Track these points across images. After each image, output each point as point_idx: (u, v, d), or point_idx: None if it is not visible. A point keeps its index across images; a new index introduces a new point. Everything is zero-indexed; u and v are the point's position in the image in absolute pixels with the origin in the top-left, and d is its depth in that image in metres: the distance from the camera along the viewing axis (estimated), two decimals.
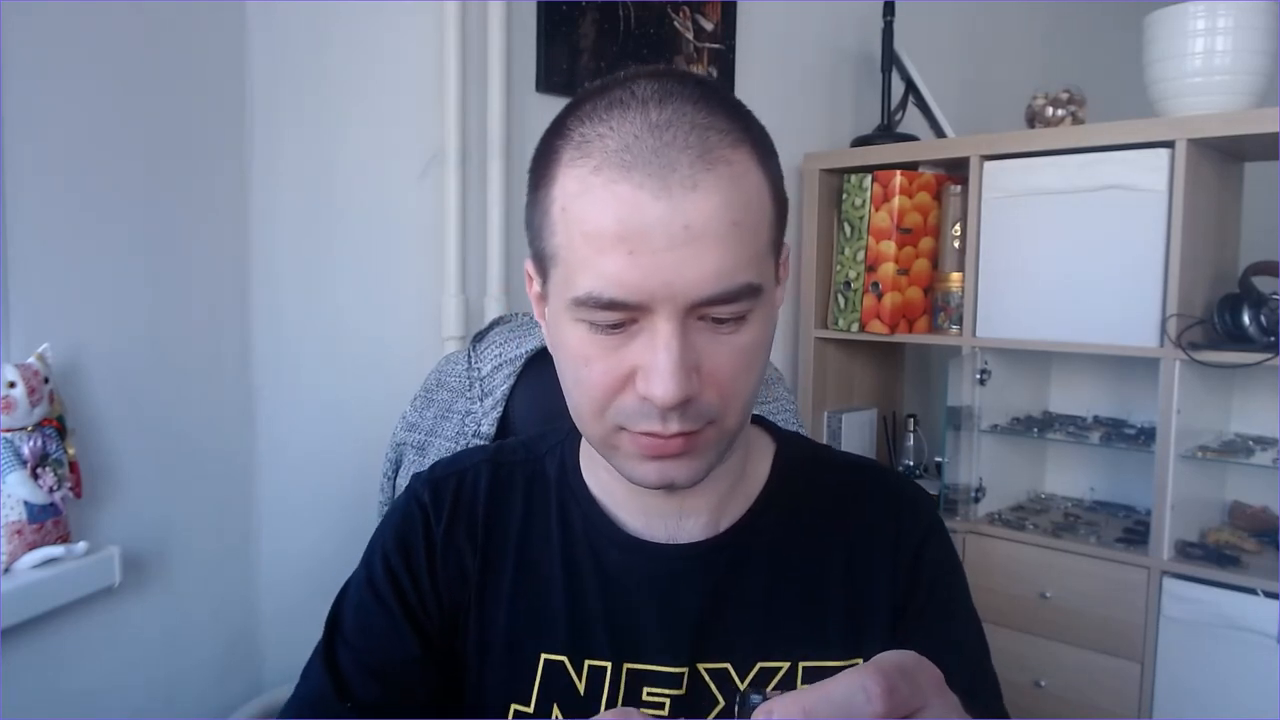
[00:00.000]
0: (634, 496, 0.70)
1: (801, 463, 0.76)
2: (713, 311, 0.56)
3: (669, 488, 0.62)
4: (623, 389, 0.58)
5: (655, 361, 0.55)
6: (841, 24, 2.28)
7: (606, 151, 0.55)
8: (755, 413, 0.76)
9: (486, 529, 0.72)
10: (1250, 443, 1.82)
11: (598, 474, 0.72)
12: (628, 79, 0.59)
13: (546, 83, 1.67)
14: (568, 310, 0.58)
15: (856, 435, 2.23)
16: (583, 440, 0.74)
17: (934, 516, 0.76)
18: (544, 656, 0.68)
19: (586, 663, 0.67)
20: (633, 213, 0.54)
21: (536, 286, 0.65)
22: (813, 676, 0.66)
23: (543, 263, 0.61)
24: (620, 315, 0.56)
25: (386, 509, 1.14)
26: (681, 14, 1.88)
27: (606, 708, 0.66)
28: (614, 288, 0.54)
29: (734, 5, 1.97)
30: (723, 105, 0.58)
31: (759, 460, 0.75)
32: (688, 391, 0.56)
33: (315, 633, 0.75)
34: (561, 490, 0.73)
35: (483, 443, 1.05)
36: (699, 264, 0.54)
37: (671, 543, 0.70)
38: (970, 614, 0.77)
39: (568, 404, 0.64)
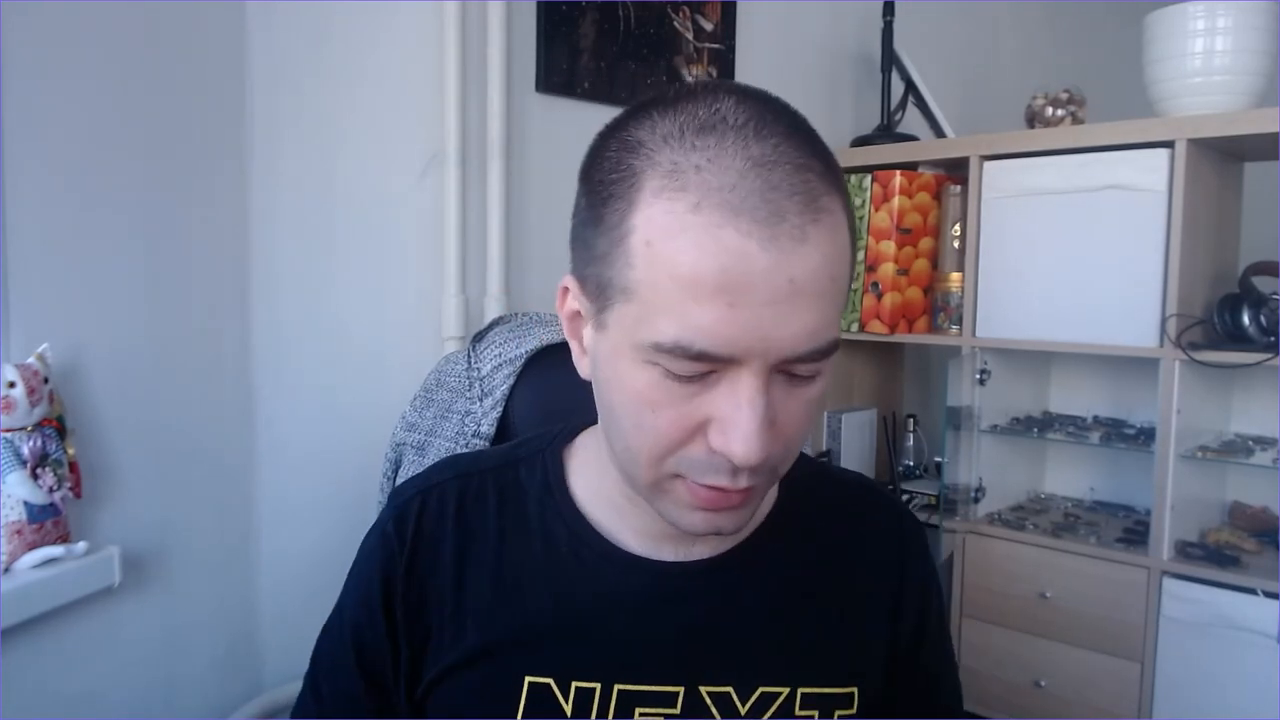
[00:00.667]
0: (644, 520, 0.66)
1: (805, 480, 0.73)
2: (798, 368, 0.54)
3: (714, 535, 0.61)
4: (691, 439, 0.55)
5: (738, 418, 0.52)
6: (841, 24, 2.28)
7: (707, 188, 0.50)
8: None
9: (458, 547, 0.69)
10: (1250, 443, 1.82)
11: (597, 487, 0.69)
12: (706, 95, 0.55)
13: (546, 83, 1.67)
14: (639, 351, 0.54)
15: (856, 435, 2.23)
16: (573, 450, 0.72)
17: (928, 549, 0.78)
18: (528, 679, 0.65)
19: (574, 684, 0.64)
20: (738, 263, 0.50)
21: (581, 307, 0.60)
22: (810, 703, 0.66)
23: (605, 291, 0.55)
24: (704, 368, 0.53)
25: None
26: (681, 14, 1.88)
27: None
28: (706, 339, 0.51)
29: (734, 5, 1.97)
30: (810, 139, 0.55)
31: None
32: (769, 450, 0.54)
33: (315, 632, 0.75)
34: (543, 505, 0.70)
35: (482, 443, 1.05)
36: (797, 321, 0.51)
37: (675, 561, 0.68)
38: (949, 638, 0.80)
39: (614, 442, 0.60)
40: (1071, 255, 1.79)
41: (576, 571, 0.67)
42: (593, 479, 0.69)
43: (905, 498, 2.03)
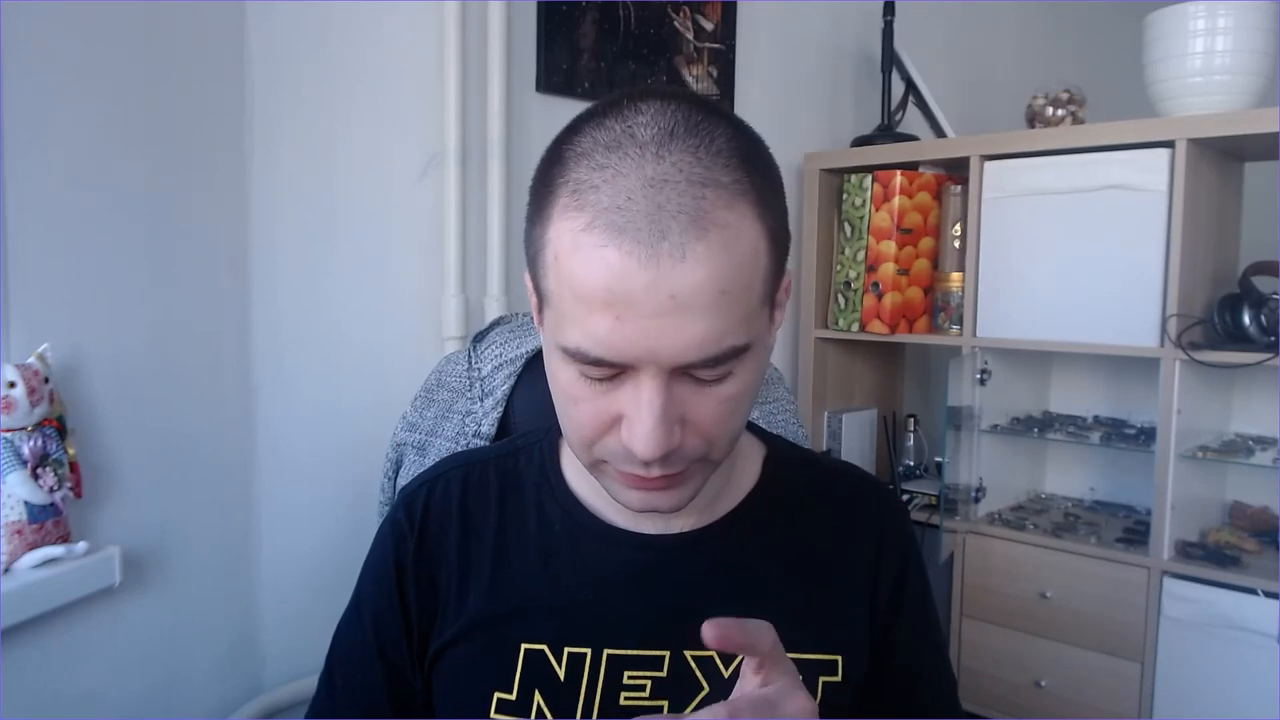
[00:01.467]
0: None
1: (791, 464, 0.78)
2: (696, 372, 0.57)
3: (652, 513, 0.65)
4: (608, 431, 0.60)
5: (638, 418, 0.57)
6: (842, 24, 2.28)
7: (599, 209, 0.54)
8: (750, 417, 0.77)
9: (463, 528, 0.74)
10: (1250, 443, 1.82)
11: (584, 473, 0.72)
12: (627, 107, 0.57)
13: (546, 83, 1.67)
14: (558, 351, 0.59)
15: (856, 435, 2.23)
16: (564, 448, 0.77)
17: (908, 525, 0.80)
18: (524, 646, 0.69)
19: (566, 650, 0.69)
20: (620, 280, 0.54)
21: (535, 300, 0.65)
22: None
23: (538, 293, 0.62)
24: (606, 370, 0.57)
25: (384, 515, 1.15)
26: (681, 14, 1.88)
27: (586, 692, 0.68)
28: (599, 347, 0.56)
29: (734, 5, 1.97)
30: (727, 148, 0.56)
31: (748, 461, 0.76)
32: (668, 446, 0.58)
33: (315, 632, 0.76)
34: (540, 490, 0.75)
35: (483, 443, 1.05)
36: (684, 333, 0.55)
37: (657, 534, 0.72)
38: (935, 627, 0.80)
39: (561, 428, 0.66)
40: (1072, 255, 1.79)
41: (569, 548, 0.72)
42: (575, 470, 0.74)
43: (906, 497, 2.03)
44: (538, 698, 0.68)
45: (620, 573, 0.71)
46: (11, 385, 1.02)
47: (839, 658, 0.71)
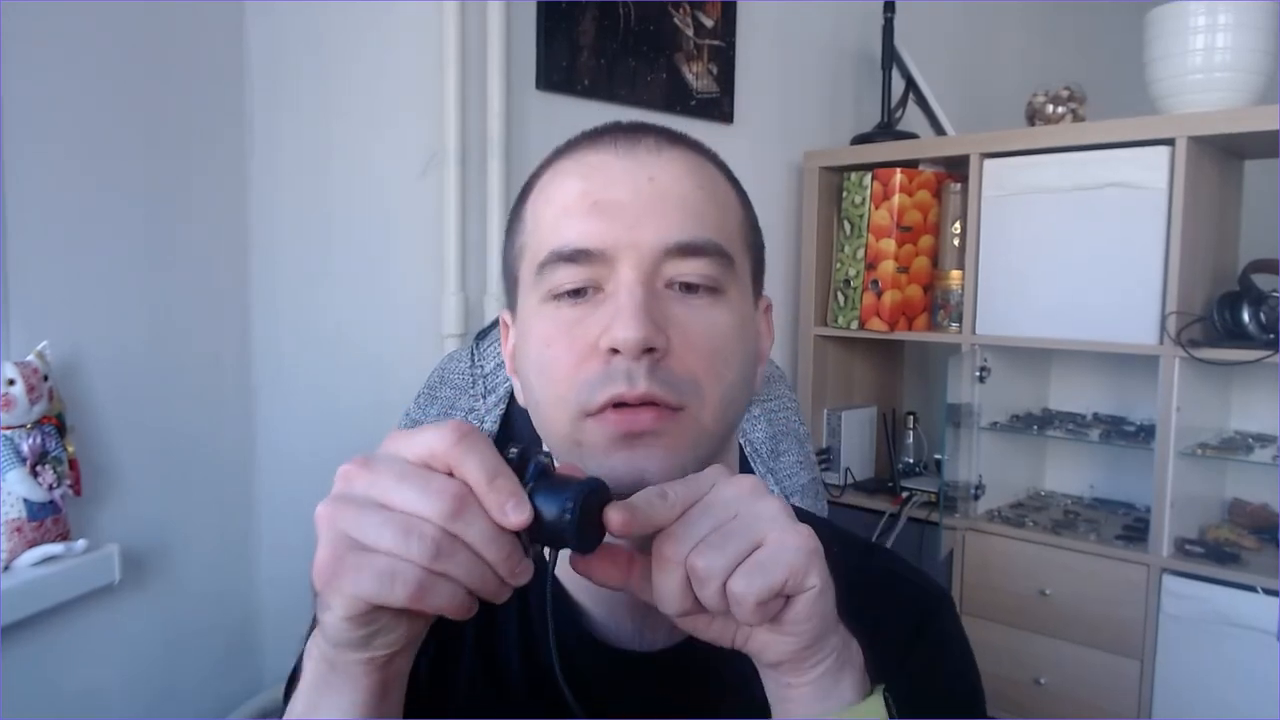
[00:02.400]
0: (598, 590, 0.56)
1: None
2: (681, 271, 0.55)
3: (640, 483, 0.52)
4: (586, 360, 0.54)
5: (618, 306, 0.53)
6: (842, 21, 2.28)
7: (577, 148, 0.58)
8: (751, 416, 0.70)
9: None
10: (1250, 440, 1.82)
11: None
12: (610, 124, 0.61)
13: (546, 81, 1.67)
14: (534, 291, 0.57)
15: (856, 433, 2.23)
16: None
17: (960, 632, 0.66)
18: None
19: None
20: (597, 172, 0.56)
21: (512, 336, 0.63)
22: None
23: (513, 274, 0.60)
24: (583, 273, 0.54)
25: None
26: (681, 11, 1.88)
27: None
28: (577, 237, 0.54)
29: (734, 2, 1.97)
30: (703, 146, 0.61)
31: None
32: (650, 334, 0.52)
33: None
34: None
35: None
36: (664, 216, 0.55)
37: (642, 650, 0.61)
38: None
39: (535, 416, 0.59)
40: (1071, 253, 1.79)
41: (544, 636, 0.56)
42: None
43: (905, 495, 2.03)
44: None
45: (608, 693, 0.58)
46: (11, 383, 1.02)
47: None
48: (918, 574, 0.69)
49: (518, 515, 0.43)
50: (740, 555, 0.46)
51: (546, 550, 0.48)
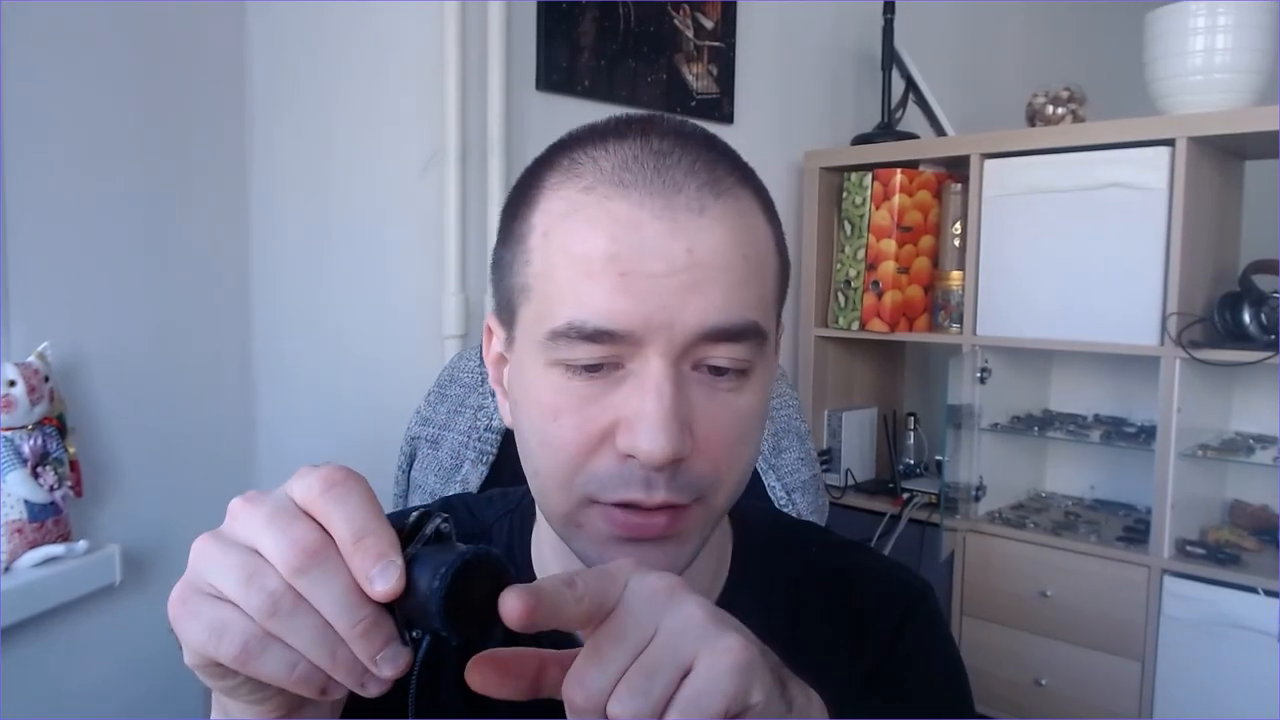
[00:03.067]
0: None
1: (762, 550, 0.64)
2: (713, 355, 0.48)
3: None
4: (598, 448, 0.49)
5: (643, 408, 0.47)
6: (842, 21, 2.28)
7: (601, 171, 0.48)
8: None
9: None
10: (1250, 441, 1.82)
11: (547, 566, 0.60)
12: (622, 117, 0.53)
13: (546, 81, 1.67)
14: (539, 351, 0.49)
15: (857, 434, 2.23)
16: (536, 521, 0.62)
17: (944, 629, 0.65)
18: None
19: None
20: (629, 231, 0.47)
21: (498, 345, 0.56)
22: None
23: (510, 303, 0.52)
24: (603, 352, 0.47)
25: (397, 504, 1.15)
26: (681, 12, 1.88)
27: None
28: (601, 315, 0.46)
29: (734, 3, 1.97)
30: (729, 152, 0.53)
31: (720, 552, 0.62)
32: (679, 449, 0.47)
33: None
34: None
35: (495, 436, 1.07)
36: (702, 293, 0.47)
37: None
38: None
39: (530, 477, 0.54)
40: (1072, 253, 1.79)
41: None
42: (545, 551, 0.61)
43: (906, 496, 2.02)
44: None
45: None
46: (12, 384, 1.02)
47: None
48: (899, 568, 0.67)
49: (383, 582, 0.36)
50: (667, 693, 0.37)
51: (419, 636, 0.38)
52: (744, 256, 0.49)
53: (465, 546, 0.37)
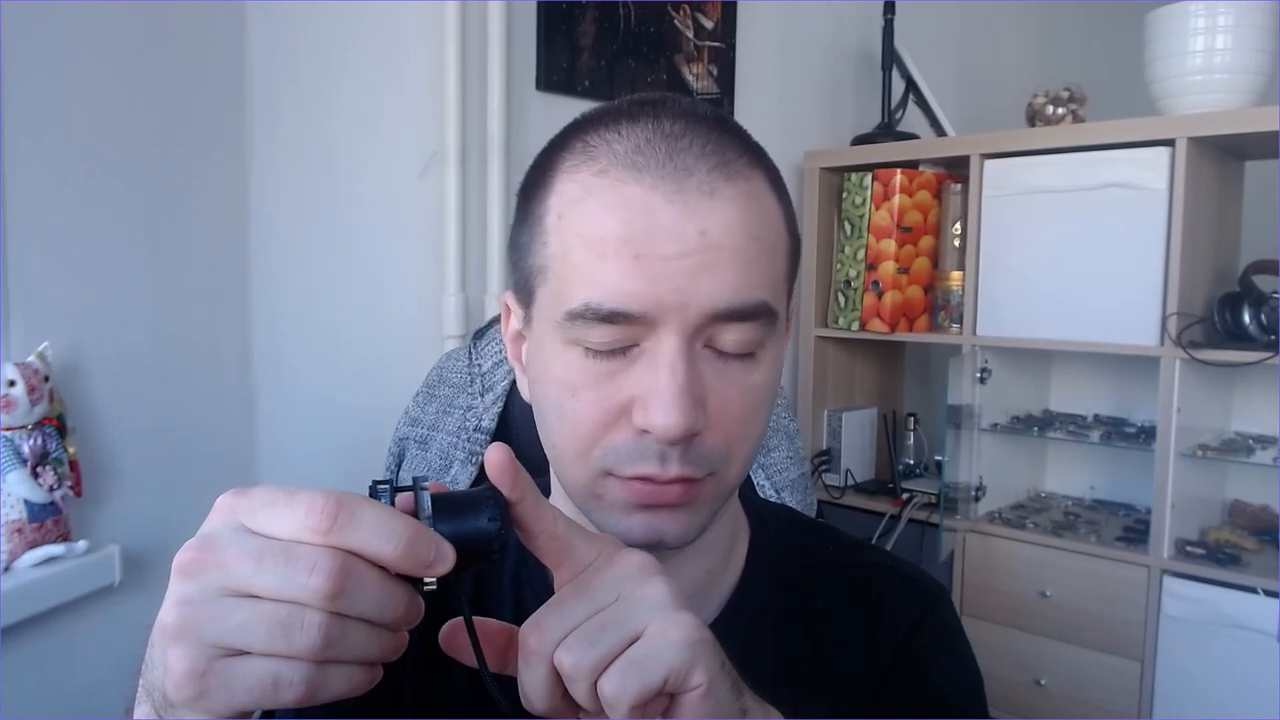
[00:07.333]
0: None
1: (779, 545, 0.65)
2: (724, 335, 0.50)
3: (657, 546, 0.52)
4: (615, 424, 0.51)
5: (657, 385, 0.49)
6: (842, 22, 2.28)
7: (614, 155, 0.50)
8: None
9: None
10: (1250, 441, 1.82)
11: None
12: (634, 98, 0.55)
13: (546, 81, 1.67)
14: (557, 331, 0.51)
15: (856, 434, 2.23)
16: (550, 498, 0.62)
17: (957, 627, 0.66)
18: None
19: None
20: (641, 215, 0.49)
21: (516, 322, 0.58)
22: None
23: (528, 283, 0.54)
24: (619, 333, 0.49)
25: None
26: (681, 12, 1.88)
27: None
28: (616, 297, 0.48)
29: (734, 4, 1.97)
30: (739, 133, 0.55)
31: (738, 544, 0.64)
32: (693, 424, 0.49)
33: None
34: (517, 568, 0.62)
35: (484, 437, 1.06)
36: (714, 275, 0.49)
37: None
38: None
39: (548, 450, 0.56)
40: (1072, 254, 1.79)
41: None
42: None
43: (906, 496, 2.02)
44: None
45: None
46: (11, 384, 1.02)
47: None
48: (914, 569, 0.68)
49: (442, 563, 0.38)
50: (614, 650, 0.40)
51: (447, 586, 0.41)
52: (754, 237, 0.51)
53: (469, 490, 0.42)
